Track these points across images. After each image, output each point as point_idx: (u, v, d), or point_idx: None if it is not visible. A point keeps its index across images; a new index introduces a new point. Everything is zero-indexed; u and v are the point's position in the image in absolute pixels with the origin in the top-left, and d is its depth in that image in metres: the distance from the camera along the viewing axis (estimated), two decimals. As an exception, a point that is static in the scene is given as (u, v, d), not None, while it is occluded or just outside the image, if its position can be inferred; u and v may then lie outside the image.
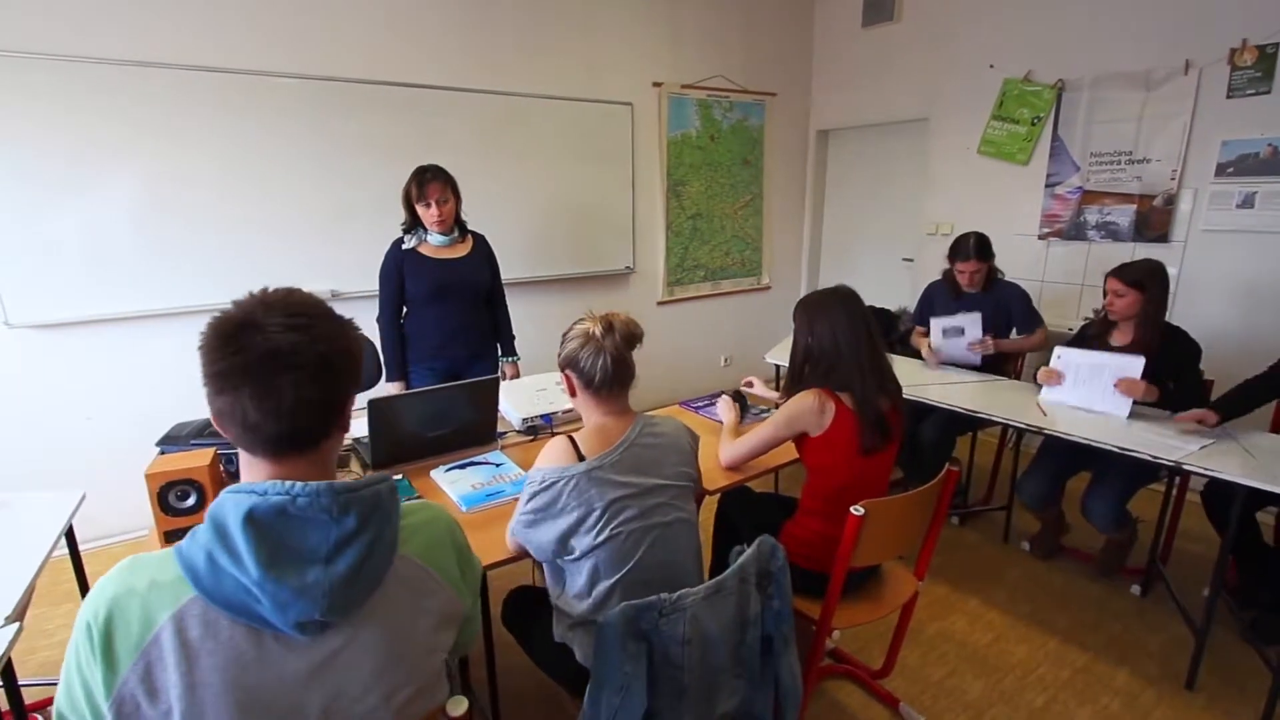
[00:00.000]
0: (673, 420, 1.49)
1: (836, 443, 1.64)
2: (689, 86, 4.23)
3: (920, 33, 4.13)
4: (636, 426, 1.39)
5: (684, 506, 1.42)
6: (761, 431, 1.75)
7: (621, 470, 1.33)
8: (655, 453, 1.39)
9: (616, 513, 1.31)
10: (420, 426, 1.89)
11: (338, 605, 0.73)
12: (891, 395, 1.71)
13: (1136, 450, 2.02)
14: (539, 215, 3.77)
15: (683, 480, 1.43)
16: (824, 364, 1.69)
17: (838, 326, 1.68)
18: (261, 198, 2.96)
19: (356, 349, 0.83)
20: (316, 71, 3.00)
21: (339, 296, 3.19)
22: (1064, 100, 3.52)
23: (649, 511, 1.35)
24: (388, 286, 2.49)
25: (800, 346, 1.74)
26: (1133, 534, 2.55)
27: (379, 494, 0.78)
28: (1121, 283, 2.39)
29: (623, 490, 1.32)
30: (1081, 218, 3.55)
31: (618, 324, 1.40)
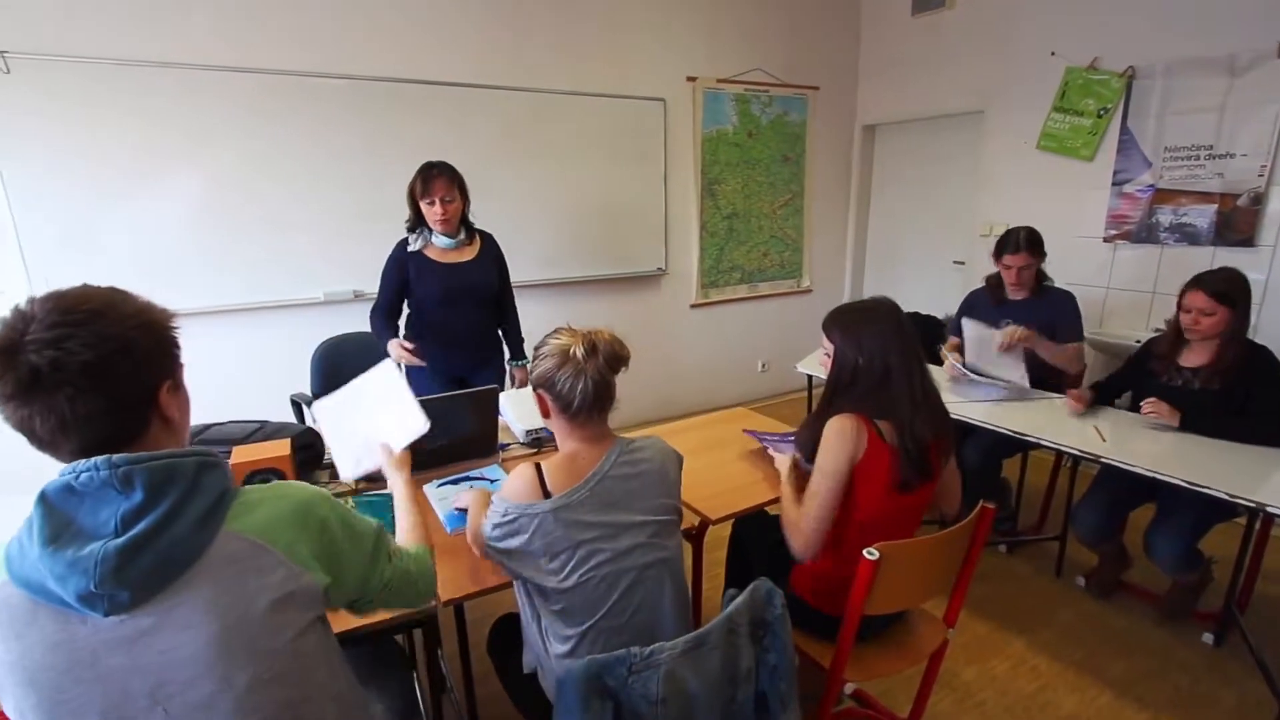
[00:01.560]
0: (655, 443, 1.34)
1: (868, 475, 1.46)
2: (725, 81, 4.07)
3: (975, 19, 3.85)
4: (611, 455, 1.26)
5: (665, 544, 1.29)
6: (818, 486, 1.45)
7: (592, 508, 1.21)
8: (632, 484, 1.26)
9: (586, 557, 1.19)
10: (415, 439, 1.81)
11: (127, 580, 0.71)
12: (938, 427, 1.51)
13: (1209, 486, 1.78)
14: (568, 215, 3.68)
15: (664, 514, 1.29)
16: (869, 387, 1.49)
17: (890, 347, 1.48)
18: (285, 197, 2.95)
19: (139, 336, 0.78)
20: (344, 70, 2.98)
21: (362, 297, 3.17)
22: (1134, 89, 3.21)
23: (624, 553, 1.22)
24: (387, 287, 2.42)
25: (848, 365, 1.51)
26: (1206, 575, 2.28)
27: (174, 465, 0.75)
28: (1209, 298, 2.08)
29: (593, 531, 1.20)
30: (1153, 219, 3.23)
31: (602, 345, 1.25)
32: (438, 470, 1.86)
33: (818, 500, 1.45)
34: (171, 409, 0.82)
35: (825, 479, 1.45)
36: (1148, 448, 2.06)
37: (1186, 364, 2.19)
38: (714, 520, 1.58)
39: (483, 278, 2.46)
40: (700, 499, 1.67)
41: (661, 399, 4.29)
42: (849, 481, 1.46)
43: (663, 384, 4.28)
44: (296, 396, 2.69)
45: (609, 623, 1.21)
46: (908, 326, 1.51)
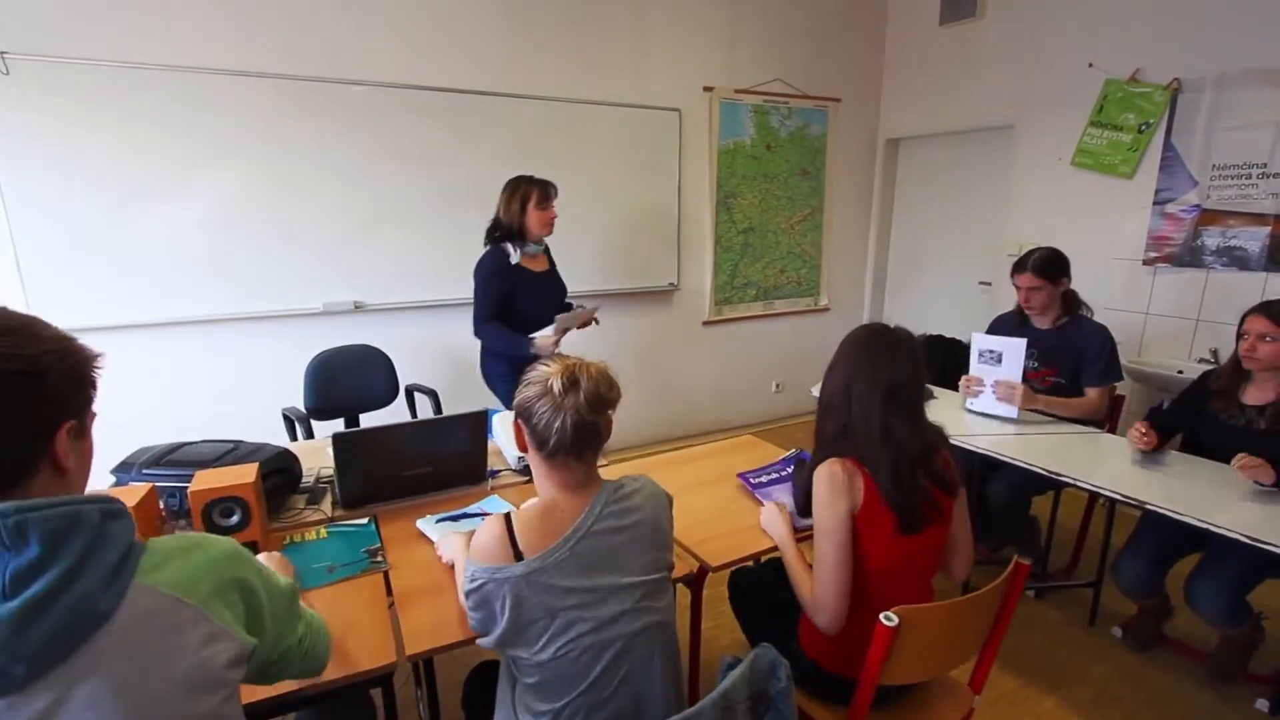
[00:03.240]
0: (646, 486, 1.19)
1: (869, 521, 1.30)
2: (743, 91, 3.94)
3: (1007, 29, 3.68)
4: (596, 505, 1.11)
5: (655, 606, 1.14)
6: (823, 550, 1.30)
7: (572, 571, 1.06)
8: (619, 540, 1.11)
9: (565, 627, 1.05)
10: (396, 463, 1.69)
11: (21, 652, 0.61)
12: (937, 474, 1.34)
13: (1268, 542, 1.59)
14: (577, 227, 3.55)
15: (656, 572, 1.15)
16: (835, 426, 1.36)
17: (854, 379, 1.33)
18: (287, 203, 2.87)
19: (51, 364, 0.69)
20: (351, 75, 2.90)
21: (362, 308, 3.08)
22: (1179, 103, 3.02)
23: (609, 622, 1.08)
24: (491, 299, 2.43)
25: (834, 407, 1.37)
26: (1257, 631, 2.07)
27: (76, 514, 0.66)
28: (1271, 321, 1.88)
29: (573, 599, 1.06)
30: (1198, 241, 3.03)
31: (584, 380, 1.10)
32: (425, 496, 1.73)
33: (828, 565, 1.29)
34: (68, 457, 0.72)
35: (828, 538, 1.29)
36: (1198, 492, 1.87)
37: (1250, 401, 1.99)
38: (714, 567, 1.43)
39: (561, 282, 2.65)
40: (699, 542, 1.52)
41: (671, 419, 4.14)
42: (854, 532, 1.30)
43: (673, 403, 4.13)
44: (288, 411, 2.59)
45: (590, 698, 1.07)
46: (889, 358, 1.33)
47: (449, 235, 3.20)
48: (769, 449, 2.13)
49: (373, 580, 1.39)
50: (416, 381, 2.98)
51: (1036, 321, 2.52)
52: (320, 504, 1.70)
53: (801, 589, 1.37)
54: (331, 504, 1.69)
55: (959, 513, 1.42)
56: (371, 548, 1.51)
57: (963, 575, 1.48)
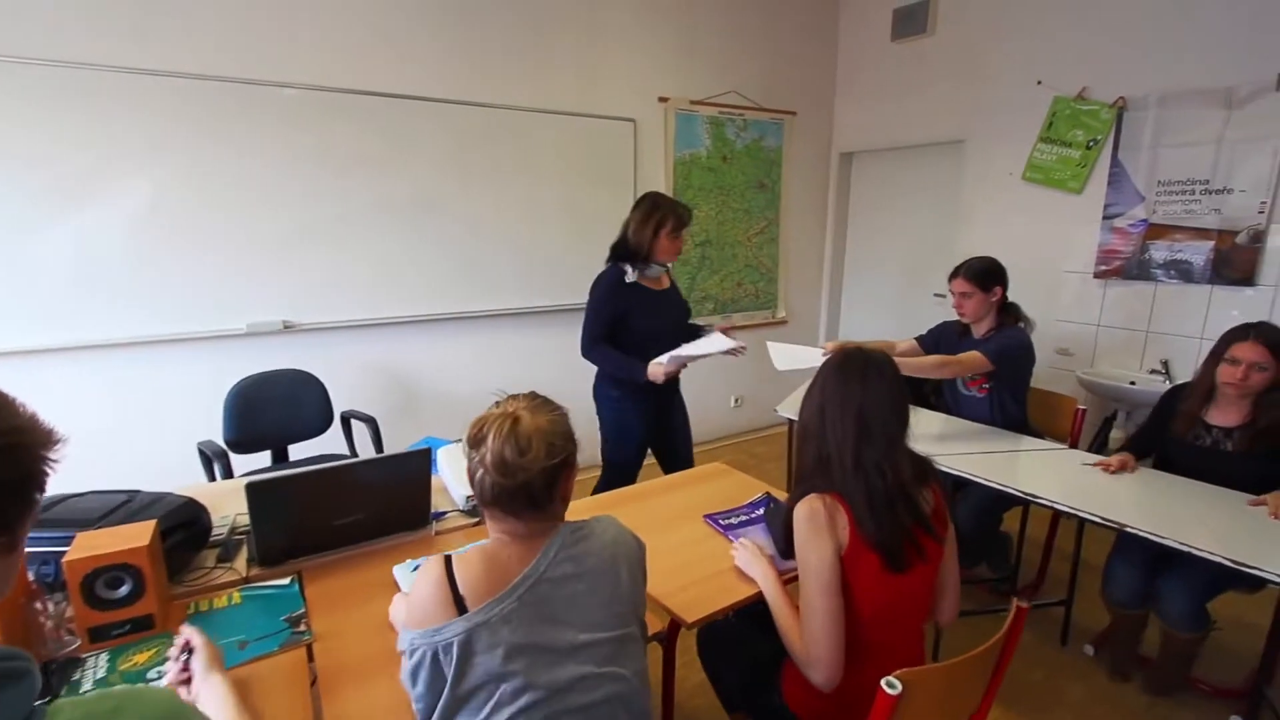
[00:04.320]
0: (611, 528, 1.06)
1: (855, 561, 1.19)
2: (699, 103, 3.86)
3: (957, 46, 3.72)
4: (551, 549, 0.97)
5: (622, 672, 0.98)
6: (811, 597, 1.18)
7: (521, 626, 0.91)
8: (578, 588, 0.97)
9: (512, 695, 0.89)
10: (324, 511, 1.48)
11: None
12: (918, 511, 1.24)
13: (1253, 566, 1.55)
14: (528, 239, 3.40)
15: (622, 627, 1.00)
16: (813, 455, 1.27)
17: (827, 403, 1.26)
18: (206, 216, 2.60)
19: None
20: (278, 78, 2.65)
21: (292, 329, 2.82)
22: (1126, 120, 3.08)
23: (564, 690, 0.92)
24: (602, 319, 2.34)
25: (811, 440, 1.29)
26: (1203, 639, 2.05)
27: None
28: (1268, 350, 1.82)
29: (521, 660, 0.90)
30: (1146, 254, 3.08)
31: (492, 439, 0.95)
32: (354, 550, 1.53)
33: (819, 614, 1.17)
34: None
35: (815, 581, 1.17)
36: (1173, 510, 1.83)
37: (1215, 421, 1.97)
38: (689, 623, 1.27)
39: (684, 302, 2.52)
40: (671, 593, 1.35)
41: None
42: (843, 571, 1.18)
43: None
44: (205, 445, 2.32)
45: None
46: (863, 386, 1.24)
47: (387, 248, 2.98)
48: (737, 478, 2.00)
49: (293, 657, 1.19)
50: (353, 408, 2.74)
51: (974, 330, 2.49)
52: (234, 561, 1.48)
53: (791, 638, 1.23)
54: (247, 561, 1.47)
55: (949, 552, 1.32)
56: (293, 614, 1.30)
57: (949, 619, 1.38)
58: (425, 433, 2.66)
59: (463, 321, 3.28)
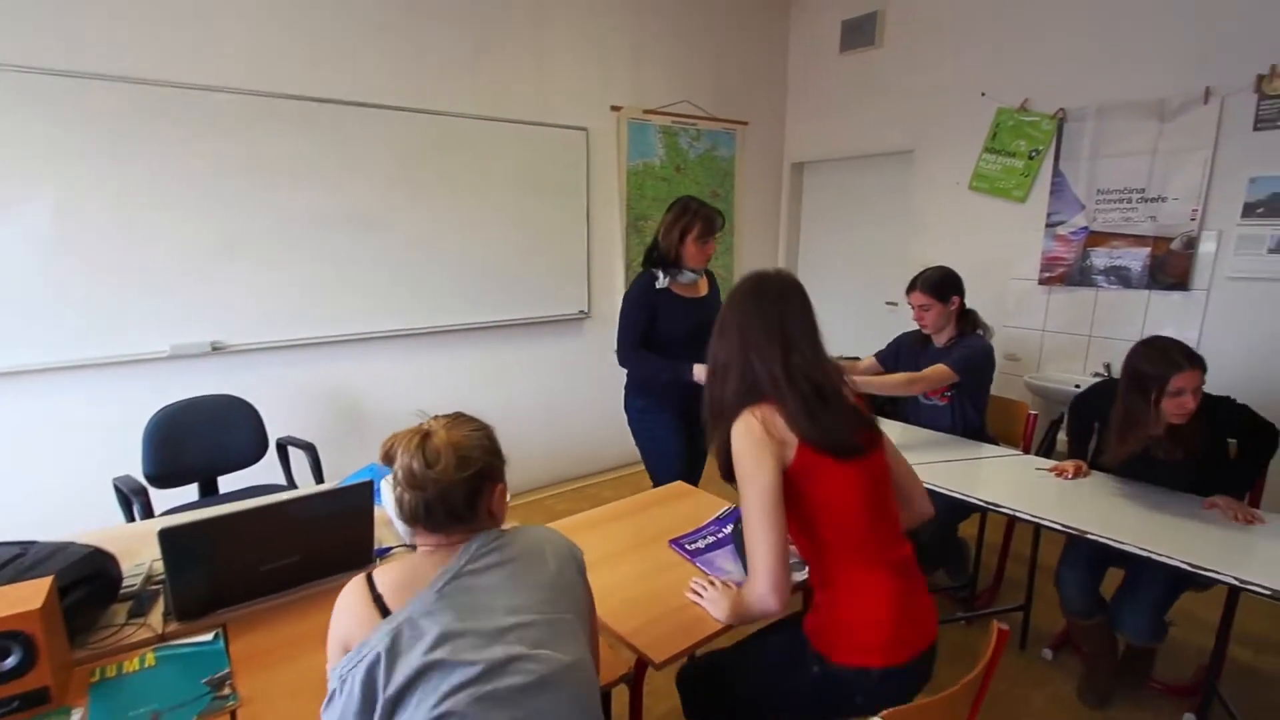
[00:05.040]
0: (538, 528, 1.05)
1: (808, 464, 1.18)
2: (651, 112, 3.81)
3: (904, 58, 3.78)
4: (470, 548, 0.95)
5: (561, 654, 0.92)
6: (754, 513, 1.15)
7: (443, 615, 0.88)
8: (500, 575, 0.94)
9: (442, 678, 0.84)
10: (252, 555, 1.34)
11: None
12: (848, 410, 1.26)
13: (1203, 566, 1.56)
14: (477, 252, 3.28)
15: (553, 611, 0.95)
16: (737, 387, 1.25)
17: (749, 332, 1.26)
18: (120, 230, 2.39)
19: None
20: (203, 81, 2.48)
21: (222, 349, 2.63)
22: (1066, 131, 3.17)
23: (497, 668, 0.86)
24: (636, 325, 2.29)
25: (719, 364, 1.30)
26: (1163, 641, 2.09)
27: None
28: (1202, 374, 1.80)
29: (447, 646, 0.85)
30: (1087, 261, 3.17)
31: (400, 454, 0.95)
32: (288, 596, 1.39)
33: (764, 527, 1.15)
34: None
35: (756, 494, 1.16)
36: (1126, 513, 1.85)
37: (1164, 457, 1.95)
38: (659, 664, 1.18)
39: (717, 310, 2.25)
40: (636, 630, 1.26)
41: (587, 453, 3.89)
42: (797, 494, 1.18)
43: (586, 437, 3.89)
44: (121, 482, 2.12)
45: None
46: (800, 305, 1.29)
47: (327, 263, 2.82)
48: (701, 498, 1.93)
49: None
50: (290, 434, 2.56)
51: (935, 340, 2.51)
52: (148, 616, 1.32)
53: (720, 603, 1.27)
54: (164, 615, 1.32)
55: (891, 446, 1.33)
56: (216, 676, 1.16)
57: (929, 510, 1.41)
58: (370, 459, 2.50)
59: (410, 339, 3.14)
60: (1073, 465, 2.13)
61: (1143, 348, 1.90)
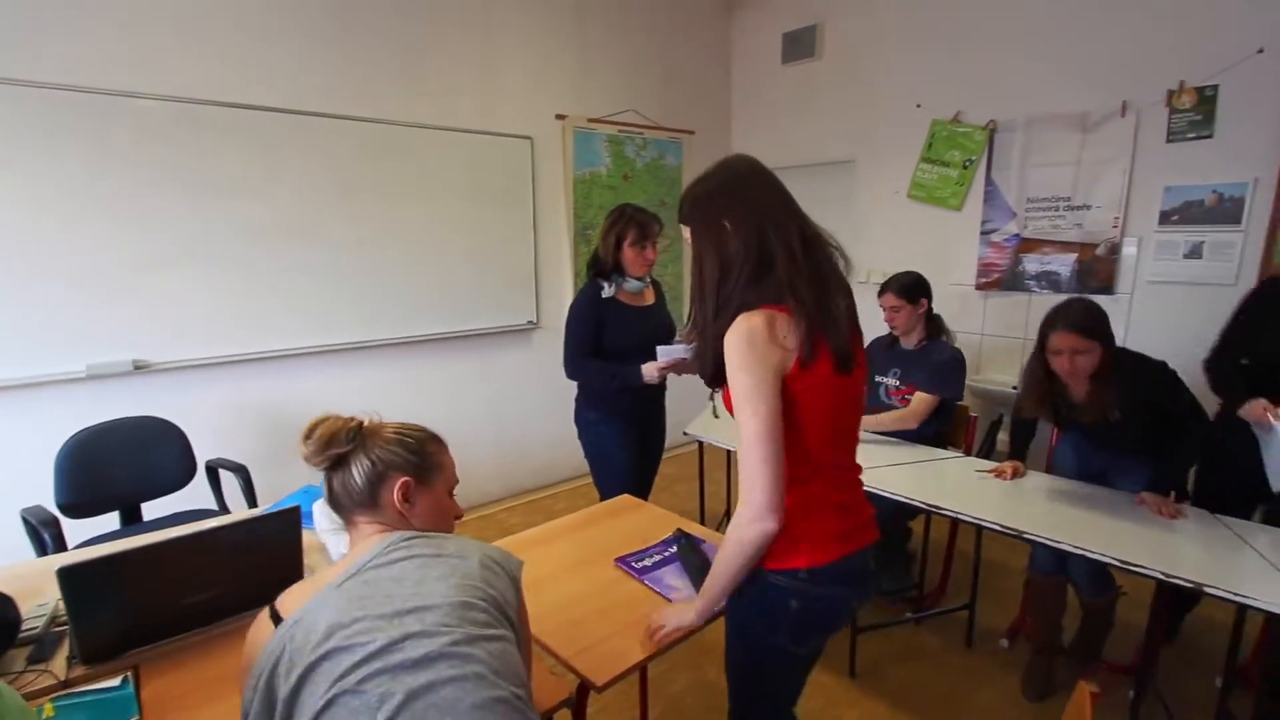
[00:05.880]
0: (470, 540, 1.01)
1: (806, 371, 1.07)
2: (597, 121, 3.80)
3: (843, 71, 3.87)
4: (383, 543, 0.93)
5: (466, 628, 0.84)
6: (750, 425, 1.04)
7: (339, 605, 0.84)
8: (407, 566, 0.89)
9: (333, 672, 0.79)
10: (167, 591, 1.26)
11: None
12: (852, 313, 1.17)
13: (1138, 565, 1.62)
14: (419, 263, 3.20)
15: (460, 595, 0.87)
16: (745, 275, 1.10)
17: (766, 212, 1.11)
18: (31, 242, 2.25)
19: None
20: (123, 85, 2.35)
21: (145, 368, 2.49)
22: (996, 142, 3.29)
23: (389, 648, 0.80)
24: (583, 335, 2.24)
25: (716, 258, 1.12)
26: (1112, 609, 2.17)
27: None
28: (1080, 336, 1.86)
29: (339, 635, 0.80)
30: (1020, 267, 3.29)
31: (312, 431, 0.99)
32: (208, 632, 1.30)
33: (766, 439, 1.04)
34: None
35: (759, 403, 1.04)
36: (1065, 512, 1.91)
37: (1073, 398, 2.02)
38: (600, 686, 1.15)
39: (666, 319, 2.41)
40: (578, 652, 1.23)
41: (539, 465, 3.83)
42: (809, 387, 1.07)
43: (539, 448, 3.83)
44: (30, 513, 1.97)
45: None
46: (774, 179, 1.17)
47: (259, 276, 2.71)
48: (648, 511, 1.91)
49: (118, 783, 0.98)
50: (221, 456, 2.43)
51: (903, 341, 2.61)
52: (50, 661, 1.22)
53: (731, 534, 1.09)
54: (68, 659, 1.22)
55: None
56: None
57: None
58: (306, 480, 2.40)
59: (349, 353, 3.04)
60: (1010, 467, 2.20)
61: (1054, 307, 1.97)
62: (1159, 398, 1.93)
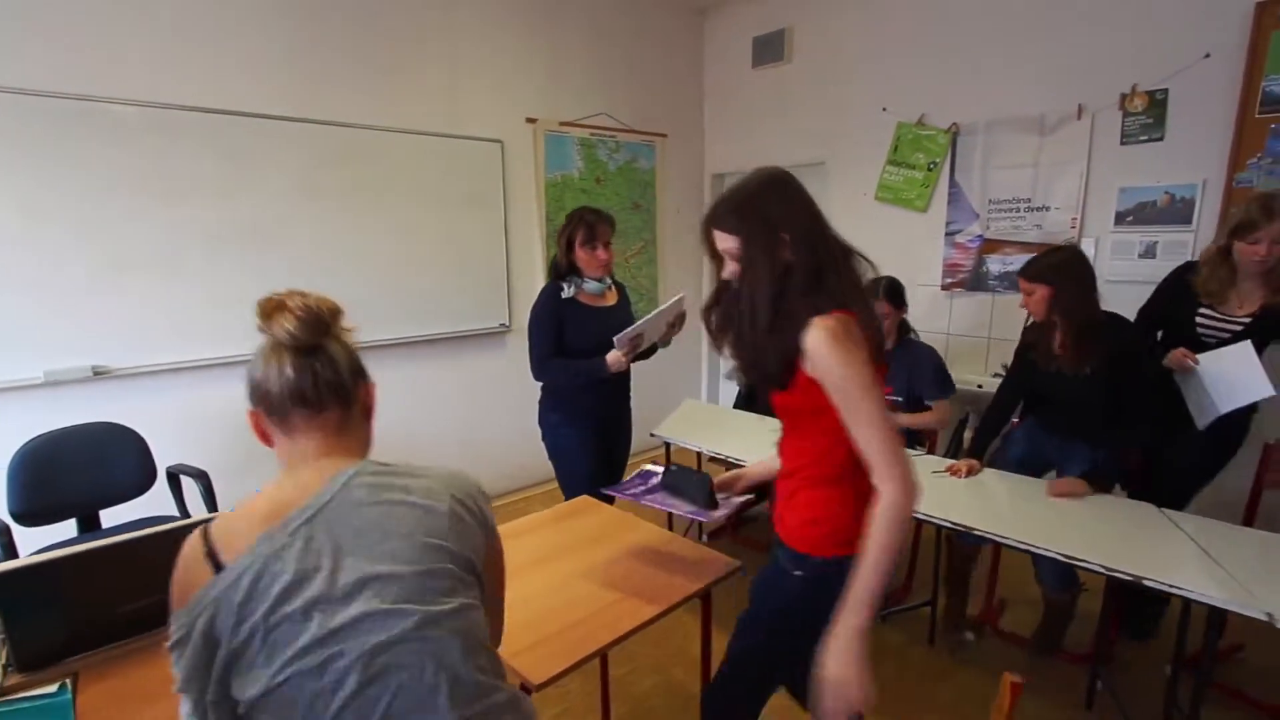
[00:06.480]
0: (438, 472, 0.92)
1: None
2: (569, 124, 3.82)
3: (812, 74, 3.91)
4: (343, 476, 0.84)
5: (429, 605, 0.82)
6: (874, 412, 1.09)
7: (295, 560, 0.77)
8: (373, 514, 0.82)
9: (286, 647, 0.75)
10: (107, 597, 1.26)
11: None
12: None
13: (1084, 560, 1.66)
14: (389, 266, 3.20)
15: (428, 562, 0.83)
16: (803, 277, 1.14)
17: (814, 216, 1.18)
18: (-17, 250, 2.23)
19: None
20: (81, 89, 2.34)
21: (105, 374, 2.47)
22: (959, 145, 3.34)
23: (351, 628, 0.77)
24: (546, 336, 2.27)
25: (769, 264, 1.14)
26: (1074, 603, 2.24)
27: None
28: (1026, 280, 2.11)
29: (294, 602, 0.75)
30: (984, 267, 3.34)
31: (291, 304, 0.87)
32: (149, 637, 1.30)
33: (888, 422, 1.10)
34: None
35: (872, 391, 1.10)
36: (1014, 508, 1.95)
37: (1059, 350, 2.11)
38: (537, 685, 1.17)
39: (628, 322, 2.37)
40: (519, 651, 1.24)
41: (512, 469, 3.83)
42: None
43: (512, 451, 3.82)
44: (-20, 521, 1.96)
45: None
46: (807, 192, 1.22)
47: (222, 280, 2.71)
48: (607, 513, 1.93)
49: (45, 790, 0.98)
50: (182, 462, 2.42)
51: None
52: (-16, 670, 1.22)
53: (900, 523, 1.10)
54: (3, 668, 1.21)
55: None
56: (58, 733, 1.08)
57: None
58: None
59: (318, 357, 3.02)
60: (965, 465, 2.24)
61: None
62: (1129, 351, 2.03)
